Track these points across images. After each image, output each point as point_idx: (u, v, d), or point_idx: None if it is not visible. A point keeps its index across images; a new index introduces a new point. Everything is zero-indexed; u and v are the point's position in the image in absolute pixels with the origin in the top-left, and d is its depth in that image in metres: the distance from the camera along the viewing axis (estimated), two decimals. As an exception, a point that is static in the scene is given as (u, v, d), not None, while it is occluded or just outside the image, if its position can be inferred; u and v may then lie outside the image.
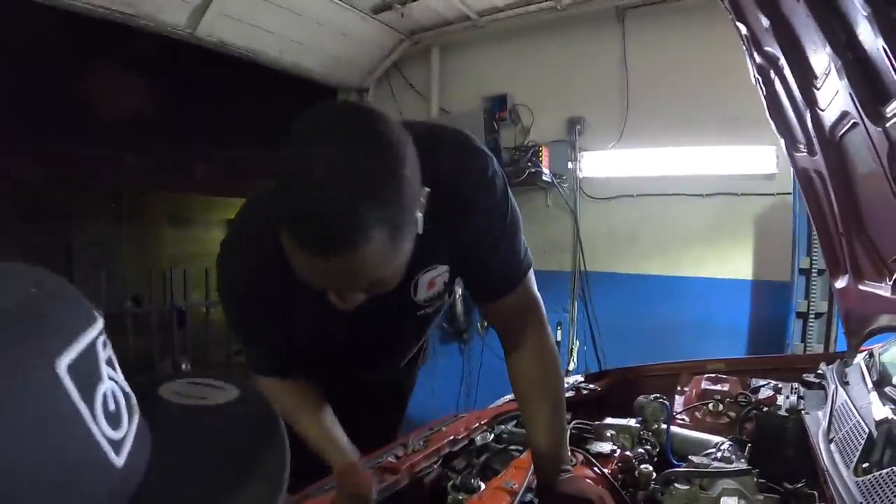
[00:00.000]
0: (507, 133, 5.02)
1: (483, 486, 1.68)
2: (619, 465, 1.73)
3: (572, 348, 4.89)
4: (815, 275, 3.83)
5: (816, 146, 1.87)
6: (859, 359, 2.15)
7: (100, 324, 0.50)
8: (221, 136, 7.62)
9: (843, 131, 1.66)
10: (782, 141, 2.15)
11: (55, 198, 5.32)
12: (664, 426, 1.96)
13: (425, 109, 5.43)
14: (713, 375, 2.44)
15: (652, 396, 2.04)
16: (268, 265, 1.29)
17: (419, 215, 1.13)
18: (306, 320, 1.50)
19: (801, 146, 2.01)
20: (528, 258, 1.51)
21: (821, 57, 1.53)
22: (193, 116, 7.00)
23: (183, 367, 4.19)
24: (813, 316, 3.83)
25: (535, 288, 1.56)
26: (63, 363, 0.44)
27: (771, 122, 2.13)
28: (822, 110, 1.72)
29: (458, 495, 1.65)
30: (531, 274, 1.54)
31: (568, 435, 1.75)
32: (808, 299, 3.85)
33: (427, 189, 1.16)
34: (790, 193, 3.98)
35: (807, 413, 1.89)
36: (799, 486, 1.60)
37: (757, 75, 2.03)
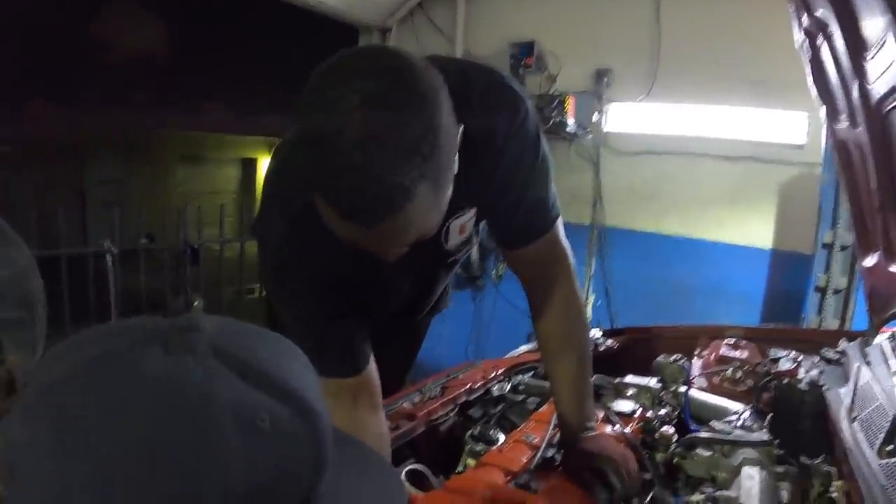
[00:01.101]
0: (533, 80, 4.89)
1: (502, 437, 1.68)
2: (641, 425, 1.71)
3: (587, 302, 4.83)
4: (838, 250, 3.77)
5: (860, 119, 1.80)
6: (881, 339, 2.12)
7: None
8: (235, 74, 7.50)
9: (891, 106, 1.61)
10: (823, 109, 2.07)
11: (67, 138, 5.26)
12: (682, 388, 1.95)
13: (450, 52, 5.25)
14: (732, 342, 2.42)
15: (672, 357, 2.02)
16: (311, 243, 1.24)
17: (456, 158, 1.08)
18: (345, 281, 1.39)
19: (843, 117, 1.95)
20: (556, 207, 1.46)
21: (876, 25, 1.46)
22: (207, 54, 6.86)
23: (195, 303, 4.18)
24: (832, 291, 3.78)
25: (563, 238, 1.51)
26: None
27: (813, 89, 2.05)
28: (871, 83, 1.66)
29: (477, 445, 1.65)
30: (560, 224, 1.49)
31: (592, 391, 1.75)
32: (829, 274, 3.79)
33: (462, 126, 1.09)
34: (819, 165, 3.89)
35: (828, 389, 1.88)
36: (817, 461, 1.60)
37: (803, 39, 1.95)
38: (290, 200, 1.26)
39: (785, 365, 2.10)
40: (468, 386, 1.95)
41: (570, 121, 4.64)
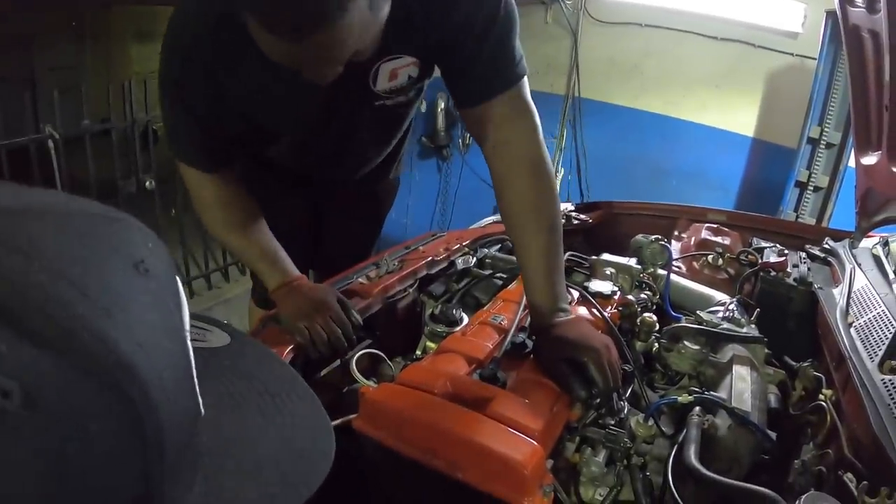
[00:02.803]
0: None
1: (465, 318, 1.50)
2: (620, 309, 1.54)
3: (557, 176, 4.67)
4: (824, 147, 3.64)
5: (881, 2, 1.58)
6: (868, 243, 1.99)
7: None
8: None
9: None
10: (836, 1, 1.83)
11: (14, 22, 4.78)
12: (662, 272, 1.78)
13: None
14: (714, 226, 2.26)
15: (652, 237, 1.84)
16: (214, 40, 1.22)
17: None
18: (256, 105, 1.36)
19: (860, 1, 1.71)
20: (522, 66, 1.33)
21: None
22: None
23: (147, 185, 3.90)
24: (812, 188, 3.68)
25: (528, 97, 1.35)
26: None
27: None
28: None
29: (437, 327, 1.46)
30: (525, 83, 1.35)
31: (564, 268, 1.57)
32: (811, 170, 3.68)
33: None
34: (813, 58, 3.66)
35: (820, 288, 1.74)
36: (805, 364, 1.47)
37: None
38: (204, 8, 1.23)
39: (770, 257, 1.95)
40: (429, 259, 1.75)
41: (549, -16, 4.29)
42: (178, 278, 0.43)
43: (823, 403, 1.31)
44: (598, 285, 1.59)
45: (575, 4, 4.50)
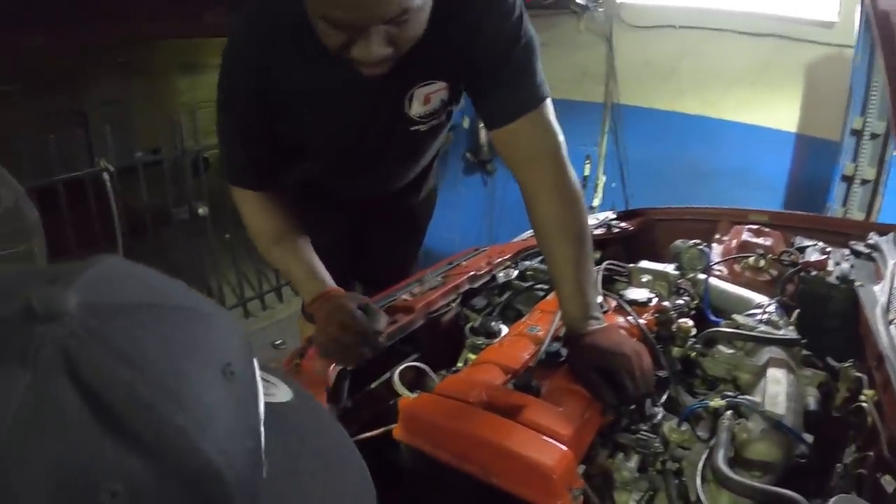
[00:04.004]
0: (538, -52, 4.50)
1: (504, 329, 1.54)
2: (656, 315, 1.56)
3: (599, 183, 4.68)
4: (868, 138, 3.51)
5: None
6: (916, 236, 1.96)
7: None
8: None
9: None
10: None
11: (61, 63, 5.03)
12: (702, 276, 1.79)
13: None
14: (755, 227, 2.25)
15: (691, 242, 1.86)
16: (263, 52, 1.33)
17: None
18: (299, 125, 1.47)
19: None
20: (545, 89, 1.40)
21: None
22: None
23: (199, 211, 4.07)
24: (859, 182, 3.55)
25: (553, 119, 1.42)
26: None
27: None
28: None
29: (477, 339, 1.52)
30: (548, 104, 1.42)
31: (598, 278, 1.61)
32: (856, 163, 3.55)
33: None
34: (851, 47, 3.57)
35: (861, 285, 1.72)
36: (846, 365, 1.47)
37: None
38: (262, 27, 1.33)
39: (812, 255, 1.94)
40: (471, 273, 1.80)
41: (579, -8, 4.29)
42: (255, 365, 0.47)
43: (864, 404, 1.31)
44: (634, 293, 1.62)
45: (607, 11, 4.48)
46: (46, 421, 0.35)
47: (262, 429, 0.45)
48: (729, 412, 1.20)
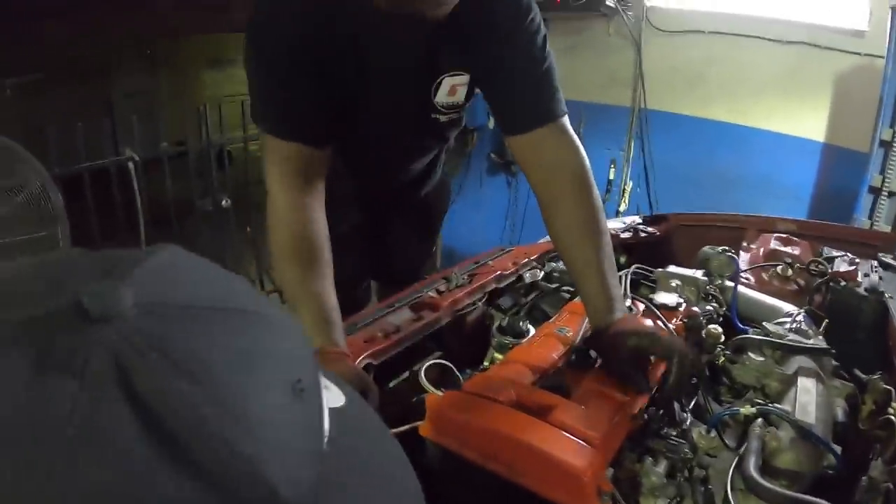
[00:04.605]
0: (568, -48, 4.50)
1: (532, 329, 1.54)
2: (685, 321, 1.55)
3: (625, 189, 4.66)
4: (896, 150, 3.49)
5: None
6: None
7: None
8: None
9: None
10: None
11: (92, 54, 5.12)
12: (730, 283, 1.78)
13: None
14: (783, 236, 2.24)
15: (720, 248, 1.85)
16: (314, 11, 1.34)
17: None
18: (338, 93, 1.45)
19: None
20: (564, 106, 1.47)
21: None
22: None
23: (223, 203, 4.11)
24: (887, 194, 3.49)
25: (573, 133, 1.47)
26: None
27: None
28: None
29: (504, 338, 1.52)
30: (567, 121, 1.47)
31: (626, 282, 1.64)
32: (885, 174, 3.50)
33: None
34: (881, 57, 3.52)
35: (890, 297, 1.71)
36: (874, 377, 1.45)
37: None
38: None
39: (841, 266, 1.92)
40: (497, 273, 1.80)
41: (609, -5, 4.28)
42: (320, 375, 0.44)
43: (892, 417, 1.30)
44: (663, 297, 1.62)
45: (637, 15, 4.46)
46: (95, 442, 0.30)
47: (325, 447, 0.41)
48: (759, 420, 1.19)
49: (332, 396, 0.49)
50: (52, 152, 3.18)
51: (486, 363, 1.51)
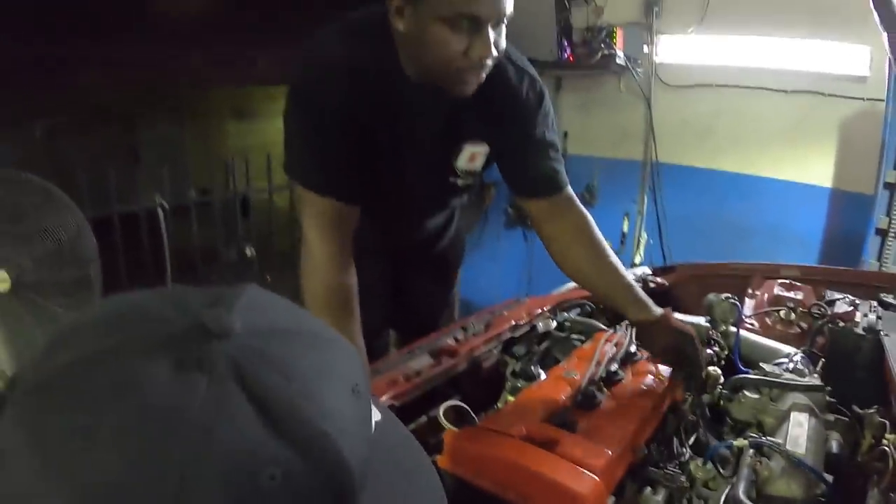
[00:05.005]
0: (580, 13, 4.63)
1: (543, 374, 1.66)
2: None
3: (639, 241, 4.76)
4: (900, 191, 3.57)
5: None
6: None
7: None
8: (281, 26, 7.26)
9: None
10: (885, 36, 1.94)
11: (119, 101, 5.34)
12: (733, 329, 1.88)
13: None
14: (787, 282, 2.34)
15: (723, 296, 1.95)
16: (356, 79, 1.48)
17: None
18: (370, 154, 1.59)
19: None
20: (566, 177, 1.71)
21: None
22: (252, 9, 6.77)
23: (247, 253, 4.27)
24: (893, 235, 3.58)
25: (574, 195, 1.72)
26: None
27: (875, 14, 1.91)
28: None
29: (518, 382, 1.64)
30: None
31: (629, 331, 1.77)
32: (890, 216, 3.60)
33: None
34: (882, 100, 3.65)
35: (886, 335, 1.79)
36: (870, 411, 1.54)
37: None
38: (348, 46, 1.50)
39: (841, 308, 2.01)
40: (512, 322, 1.92)
41: (619, 54, 4.44)
42: (369, 382, 0.57)
43: (887, 448, 1.38)
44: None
45: (646, 71, 4.61)
46: (222, 417, 0.43)
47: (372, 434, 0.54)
48: (751, 450, 1.29)
49: (374, 411, 0.62)
50: (84, 195, 3.30)
51: (498, 405, 1.62)
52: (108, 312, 0.51)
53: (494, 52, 1.37)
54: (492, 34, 1.34)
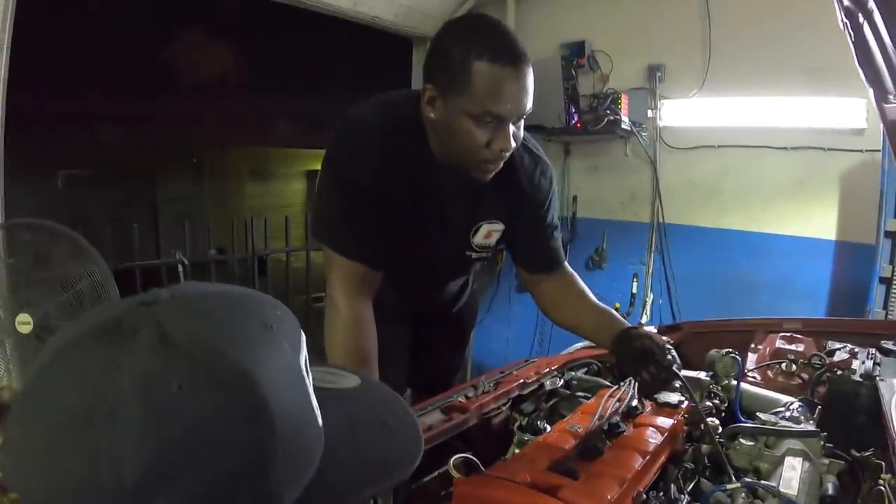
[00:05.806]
0: (585, 80, 4.88)
1: (549, 428, 1.74)
2: (686, 416, 1.74)
3: (647, 301, 4.83)
4: (902, 239, 3.64)
5: None
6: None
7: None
8: (300, 89, 7.64)
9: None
10: (871, 91, 2.05)
11: (140, 156, 5.53)
12: (734, 382, 1.96)
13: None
14: (788, 335, 2.41)
15: (724, 351, 2.04)
16: (388, 135, 1.64)
17: None
18: (397, 225, 1.74)
19: (892, 97, 1.93)
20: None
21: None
22: (272, 72, 7.06)
23: None
24: (896, 283, 3.65)
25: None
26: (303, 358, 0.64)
27: (860, 70, 2.03)
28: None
29: (525, 436, 1.72)
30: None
31: (632, 386, 1.87)
32: (893, 264, 3.67)
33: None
34: (879, 151, 3.77)
35: (882, 380, 1.86)
36: (867, 454, 1.60)
37: (844, 20, 1.93)
38: (382, 121, 1.65)
39: (841, 357, 2.09)
40: (521, 381, 2.01)
41: (625, 118, 4.62)
42: (300, 331, 0.66)
43: (882, 487, 1.44)
44: (667, 396, 1.82)
45: (651, 135, 4.77)
46: (131, 354, 0.52)
47: (315, 402, 0.62)
48: (743, 493, 1.36)
49: (347, 380, 0.76)
50: (107, 247, 3.45)
51: (506, 457, 1.70)
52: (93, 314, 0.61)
53: (514, 145, 1.54)
54: (512, 128, 1.51)
